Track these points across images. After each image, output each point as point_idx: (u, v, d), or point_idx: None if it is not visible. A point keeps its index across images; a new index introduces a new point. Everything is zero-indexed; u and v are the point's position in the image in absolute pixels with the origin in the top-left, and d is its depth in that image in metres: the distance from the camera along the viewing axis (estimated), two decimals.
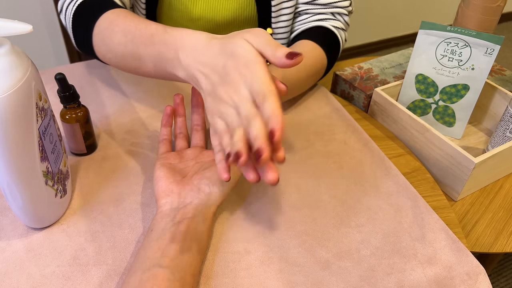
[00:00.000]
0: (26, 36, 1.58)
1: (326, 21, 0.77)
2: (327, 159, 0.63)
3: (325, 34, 0.76)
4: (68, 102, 0.56)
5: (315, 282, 0.47)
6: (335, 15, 0.79)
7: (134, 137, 0.65)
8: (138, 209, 0.54)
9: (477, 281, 0.48)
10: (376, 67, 0.91)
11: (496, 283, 1.35)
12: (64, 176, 0.52)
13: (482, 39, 0.70)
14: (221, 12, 0.79)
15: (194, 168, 0.54)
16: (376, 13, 2.33)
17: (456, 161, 0.65)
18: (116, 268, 0.47)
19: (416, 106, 0.81)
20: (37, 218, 0.50)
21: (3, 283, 0.45)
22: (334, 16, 0.79)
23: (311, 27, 0.77)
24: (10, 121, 0.40)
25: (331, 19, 0.78)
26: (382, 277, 0.48)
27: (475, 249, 0.63)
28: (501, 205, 0.69)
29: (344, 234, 0.52)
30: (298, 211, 0.55)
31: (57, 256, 0.48)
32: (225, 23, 0.82)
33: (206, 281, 0.46)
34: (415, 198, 0.58)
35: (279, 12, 0.79)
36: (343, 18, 0.79)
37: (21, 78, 0.40)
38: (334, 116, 0.72)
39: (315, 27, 0.77)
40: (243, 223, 0.53)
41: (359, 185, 0.59)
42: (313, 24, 0.77)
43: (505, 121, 0.70)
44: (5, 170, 0.43)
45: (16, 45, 0.42)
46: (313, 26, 0.77)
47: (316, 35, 0.75)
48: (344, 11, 0.79)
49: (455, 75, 0.75)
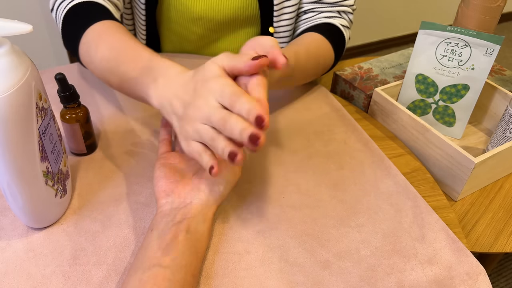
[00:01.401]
0: (26, 36, 1.57)
1: (333, 19, 0.78)
2: (327, 159, 0.63)
3: (332, 30, 0.76)
4: (68, 102, 0.56)
5: (315, 282, 0.47)
6: (341, 14, 0.79)
7: (134, 137, 0.65)
8: (138, 209, 0.54)
9: (477, 281, 0.48)
10: (376, 67, 0.91)
11: (496, 283, 1.35)
12: (64, 176, 0.52)
13: (482, 39, 0.70)
14: (222, 12, 0.79)
15: (194, 168, 0.54)
16: (376, 13, 2.33)
17: (456, 161, 0.65)
18: (116, 268, 0.47)
19: (416, 106, 0.81)
20: (37, 218, 0.50)
21: (3, 283, 0.45)
22: (340, 15, 0.79)
23: (320, 23, 0.77)
24: (10, 121, 0.40)
25: (337, 17, 0.78)
26: (382, 277, 0.48)
27: (475, 249, 0.63)
28: (501, 205, 0.69)
29: (344, 234, 0.52)
30: (298, 211, 0.55)
31: (57, 256, 0.48)
32: (226, 22, 0.82)
33: (206, 281, 0.46)
34: (415, 198, 0.58)
35: (282, 11, 0.79)
36: (348, 16, 0.80)
37: (21, 78, 0.40)
38: (334, 116, 0.72)
39: (323, 23, 0.77)
40: (243, 223, 0.53)
41: (359, 185, 0.59)
42: (321, 21, 0.78)
43: (505, 121, 0.70)
44: (5, 170, 0.43)
45: (16, 45, 0.42)
46: (321, 22, 0.77)
47: (324, 31, 0.75)
48: (349, 9, 0.79)
49: (455, 75, 0.75)
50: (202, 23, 0.82)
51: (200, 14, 0.80)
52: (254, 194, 0.57)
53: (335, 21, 0.77)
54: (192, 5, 0.79)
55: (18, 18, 1.22)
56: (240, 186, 0.58)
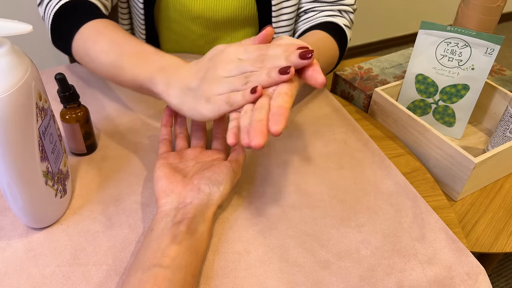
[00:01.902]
0: (26, 36, 1.57)
1: (335, 17, 0.77)
2: (327, 159, 0.63)
3: (336, 29, 0.75)
4: (68, 102, 0.56)
5: (315, 282, 0.47)
6: (342, 13, 0.79)
7: (134, 137, 0.65)
8: (138, 209, 0.54)
9: (477, 281, 0.48)
10: (376, 67, 0.91)
11: (496, 283, 1.35)
12: (64, 176, 0.52)
13: (482, 39, 0.70)
14: (221, 11, 0.79)
15: (194, 168, 0.54)
16: (376, 13, 2.33)
17: (456, 161, 0.65)
18: (116, 268, 0.47)
19: (416, 106, 0.81)
20: (37, 218, 0.50)
21: (3, 283, 0.45)
22: (340, 14, 0.79)
23: (322, 22, 0.77)
24: (10, 121, 0.40)
25: (339, 16, 0.78)
26: (382, 277, 0.48)
27: (475, 249, 0.63)
28: (501, 205, 0.69)
29: (344, 234, 0.52)
30: (298, 211, 0.55)
31: (57, 256, 0.48)
32: (225, 21, 0.82)
33: (206, 281, 0.46)
34: (415, 198, 0.58)
35: (280, 12, 0.79)
36: (349, 15, 0.79)
37: (21, 78, 0.40)
38: (334, 116, 0.72)
39: (326, 22, 0.76)
40: (243, 223, 0.53)
41: (359, 185, 0.59)
42: (324, 19, 0.77)
43: (505, 121, 0.70)
44: (5, 170, 0.43)
45: (16, 45, 0.42)
46: (324, 21, 0.77)
47: (329, 29, 0.74)
48: (349, 8, 0.79)
49: (455, 75, 0.75)
50: (201, 22, 0.82)
51: (198, 13, 0.80)
52: (254, 194, 0.57)
53: (337, 20, 0.77)
54: (190, 4, 0.79)
55: (18, 18, 1.21)
56: (240, 186, 0.58)
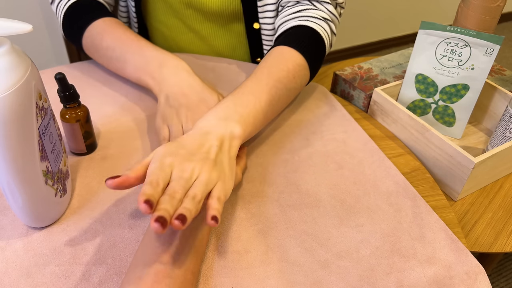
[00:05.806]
0: (26, 36, 1.58)
1: (306, 11, 0.72)
2: (327, 159, 0.63)
3: (305, 35, 0.69)
4: (68, 102, 0.56)
5: (315, 281, 0.47)
6: (315, 4, 0.73)
7: (134, 137, 0.65)
8: (138, 209, 0.54)
9: (476, 281, 0.48)
10: (376, 67, 0.91)
11: (496, 283, 1.35)
12: (64, 176, 0.52)
13: (482, 39, 0.70)
14: (207, 5, 0.79)
15: None
16: (376, 13, 2.33)
17: (456, 161, 0.65)
18: (116, 268, 0.47)
19: (416, 106, 0.81)
20: (37, 218, 0.50)
21: (3, 283, 0.45)
22: (314, 6, 0.73)
23: (291, 27, 0.71)
24: (10, 121, 0.40)
25: (311, 9, 0.72)
26: (381, 276, 0.48)
27: (474, 249, 0.63)
28: (500, 205, 0.69)
29: (343, 233, 0.52)
30: (298, 211, 0.55)
31: (57, 256, 0.48)
32: (212, 15, 0.82)
33: (205, 280, 0.46)
34: (414, 198, 0.58)
35: (265, 8, 0.78)
36: (325, 6, 0.73)
37: (21, 77, 0.40)
38: (334, 116, 0.72)
39: (294, 27, 0.71)
40: (243, 223, 0.53)
41: (359, 185, 0.59)
42: (293, 23, 0.72)
43: (505, 121, 0.70)
44: (5, 169, 0.43)
45: (16, 45, 0.42)
46: (293, 26, 0.71)
47: (294, 39, 0.68)
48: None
49: (455, 75, 0.75)
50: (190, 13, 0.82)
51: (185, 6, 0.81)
52: (254, 194, 0.57)
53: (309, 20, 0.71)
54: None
55: (18, 18, 1.22)
56: (240, 186, 0.58)
